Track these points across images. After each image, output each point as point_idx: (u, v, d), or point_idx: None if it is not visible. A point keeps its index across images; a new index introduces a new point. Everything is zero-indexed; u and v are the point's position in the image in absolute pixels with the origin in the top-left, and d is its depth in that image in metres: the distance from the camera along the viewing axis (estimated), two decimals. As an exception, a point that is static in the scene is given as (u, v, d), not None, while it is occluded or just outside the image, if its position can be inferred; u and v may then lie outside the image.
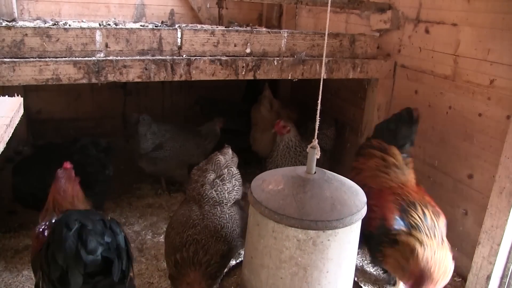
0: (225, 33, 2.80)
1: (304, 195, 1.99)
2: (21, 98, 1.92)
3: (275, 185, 2.08)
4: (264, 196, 2.04)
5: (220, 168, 2.63)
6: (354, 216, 1.97)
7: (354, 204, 2.01)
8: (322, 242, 1.95)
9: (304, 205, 1.95)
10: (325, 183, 2.06)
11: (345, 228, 1.96)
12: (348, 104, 4.01)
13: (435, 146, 3.06)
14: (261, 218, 2.03)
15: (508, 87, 2.54)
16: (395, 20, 3.33)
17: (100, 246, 1.68)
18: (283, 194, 2.01)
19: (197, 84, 3.58)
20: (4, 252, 2.89)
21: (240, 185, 2.68)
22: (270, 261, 2.04)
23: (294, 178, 2.09)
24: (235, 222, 2.51)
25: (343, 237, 1.98)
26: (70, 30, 2.42)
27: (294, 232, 1.94)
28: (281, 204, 1.97)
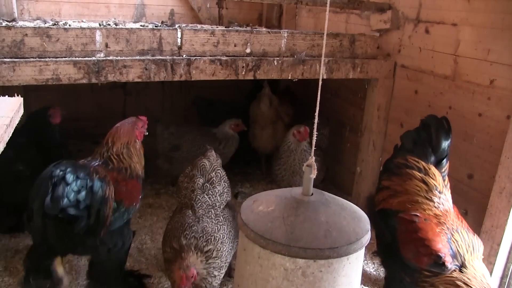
0: (225, 33, 2.80)
1: (295, 219, 1.76)
2: (21, 98, 1.92)
3: (265, 207, 1.86)
4: (252, 218, 1.83)
5: (207, 172, 2.62)
6: (352, 246, 1.72)
7: (354, 232, 1.77)
8: (313, 273, 1.71)
9: (294, 229, 1.72)
10: (322, 206, 1.84)
11: (340, 259, 1.72)
12: (348, 104, 4.01)
13: (435, 146, 3.05)
14: (247, 243, 1.82)
15: (508, 87, 2.54)
16: (395, 20, 3.33)
17: (65, 199, 1.96)
18: (272, 216, 1.79)
19: (197, 84, 3.58)
20: (4, 252, 2.89)
21: (228, 186, 2.69)
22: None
23: (287, 199, 1.87)
24: (230, 224, 2.51)
25: (338, 269, 1.74)
26: (70, 30, 2.42)
27: (281, 260, 1.71)
28: (269, 227, 1.74)
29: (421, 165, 2.40)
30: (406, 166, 2.44)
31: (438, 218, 2.25)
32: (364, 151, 3.62)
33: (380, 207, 2.44)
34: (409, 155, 2.45)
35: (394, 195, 2.43)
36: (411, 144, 2.50)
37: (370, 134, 3.51)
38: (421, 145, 2.46)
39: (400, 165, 2.48)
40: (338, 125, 4.14)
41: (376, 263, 3.02)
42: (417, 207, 2.30)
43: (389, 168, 2.54)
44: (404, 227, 2.26)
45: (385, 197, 2.41)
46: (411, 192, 2.37)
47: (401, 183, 2.44)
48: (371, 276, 2.90)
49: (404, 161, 2.47)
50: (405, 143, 2.56)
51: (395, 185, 2.47)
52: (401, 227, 2.28)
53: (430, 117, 2.53)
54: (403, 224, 2.28)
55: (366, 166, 3.59)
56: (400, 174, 2.45)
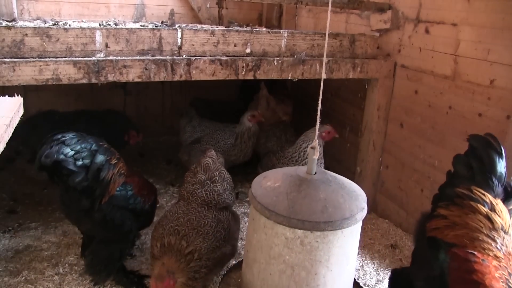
0: (225, 33, 2.80)
1: (297, 194, 1.98)
2: (21, 98, 1.92)
3: (273, 182, 2.10)
4: (260, 192, 2.06)
5: (210, 170, 2.67)
6: (346, 221, 1.93)
7: (349, 208, 1.97)
8: (310, 242, 1.93)
9: (294, 203, 1.94)
10: (322, 185, 2.05)
11: (335, 232, 1.93)
12: (348, 104, 4.01)
13: (435, 146, 3.06)
14: (255, 213, 2.07)
15: (508, 87, 2.54)
16: (395, 20, 3.33)
17: (59, 155, 2.30)
18: (278, 191, 2.02)
19: (197, 84, 3.59)
20: (4, 252, 2.89)
21: (232, 190, 2.69)
22: (261, 256, 2.07)
23: (293, 177, 2.09)
24: (221, 225, 2.47)
25: (332, 241, 1.95)
26: (70, 30, 2.42)
27: (282, 230, 1.95)
28: (274, 200, 1.98)
29: (487, 199, 2.10)
30: (470, 198, 2.14)
31: (498, 261, 1.96)
32: (364, 151, 3.62)
33: (431, 235, 2.18)
34: (474, 185, 2.16)
35: (451, 227, 2.15)
36: (466, 170, 2.23)
37: (370, 134, 3.51)
38: (481, 173, 2.17)
39: (463, 195, 2.18)
40: (338, 125, 4.14)
41: (376, 263, 3.02)
42: (476, 245, 2.01)
43: (449, 196, 2.23)
44: (457, 264, 2.01)
45: (439, 226, 2.17)
46: (472, 227, 2.08)
47: (461, 215, 2.15)
48: (372, 276, 2.90)
49: (468, 192, 2.17)
50: (458, 170, 2.27)
51: (454, 216, 2.18)
52: (454, 263, 2.02)
53: (474, 139, 2.25)
54: (456, 260, 2.01)
55: (366, 166, 3.59)
56: (461, 205, 2.16)
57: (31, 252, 2.90)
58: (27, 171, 4.12)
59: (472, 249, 2.00)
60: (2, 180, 3.90)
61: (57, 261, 2.81)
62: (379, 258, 3.09)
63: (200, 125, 4.07)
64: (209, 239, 2.36)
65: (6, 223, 3.23)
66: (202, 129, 4.05)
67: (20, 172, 4.10)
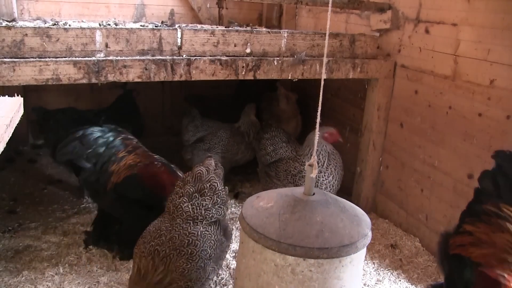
0: (225, 33, 2.80)
1: (290, 216, 1.77)
2: (21, 98, 1.92)
3: (266, 203, 1.89)
4: (250, 212, 1.86)
5: (201, 181, 2.40)
6: (344, 248, 1.69)
7: (348, 234, 1.73)
8: (302, 271, 1.70)
9: (286, 226, 1.73)
10: (320, 207, 1.82)
11: (331, 260, 1.70)
12: (348, 104, 4.01)
13: (435, 146, 3.06)
14: (243, 236, 1.86)
15: (508, 87, 2.54)
16: (395, 20, 3.33)
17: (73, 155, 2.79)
18: (269, 212, 1.81)
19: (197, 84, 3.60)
20: (4, 252, 2.89)
21: (222, 204, 2.43)
22: (249, 285, 1.86)
23: (288, 197, 1.87)
24: (208, 242, 2.28)
25: (329, 271, 1.72)
26: (70, 30, 2.42)
27: (271, 255, 1.72)
28: (264, 222, 1.77)
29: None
30: (498, 215, 2.05)
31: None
32: (364, 151, 3.62)
33: (455, 252, 2.09)
34: (502, 203, 2.06)
35: (477, 244, 2.05)
36: (492, 187, 2.13)
37: (370, 134, 3.51)
38: (509, 190, 2.08)
39: (491, 212, 2.09)
40: (338, 125, 4.13)
41: (376, 263, 3.02)
42: (505, 267, 1.88)
43: (476, 212, 2.14)
44: (484, 285, 1.90)
45: (464, 243, 2.07)
46: (500, 246, 1.97)
47: (488, 232, 2.04)
48: (372, 277, 2.90)
49: (496, 209, 2.07)
50: (485, 186, 2.17)
51: (480, 233, 2.07)
52: (481, 283, 1.91)
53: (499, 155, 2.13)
54: (484, 280, 1.90)
55: (366, 166, 3.59)
56: (489, 223, 2.06)
57: (31, 252, 2.89)
58: (27, 171, 4.13)
59: (501, 270, 1.87)
60: (2, 180, 3.90)
61: (57, 261, 2.81)
62: (379, 258, 3.09)
63: (203, 124, 4.05)
64: (193, 260, 2.19)
65: (6, 223, 3.23)
66: (205, 128, 4.03)
67: (20, 172, 4.10)
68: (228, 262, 2.92)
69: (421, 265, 2.99)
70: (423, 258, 3.06)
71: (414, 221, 3.30)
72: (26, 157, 4.41)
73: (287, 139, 3.66)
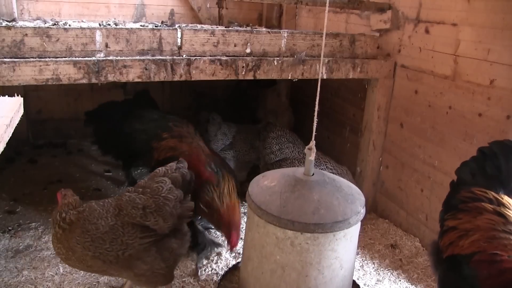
0: (225, 33, 2.80)
1: (290, 195, 1.96)
2: (21, 98, 1.92)
3: (270, 182, 2.09)
4: (255, 190, 2.06)
5: (153, 181, 2.28)
6: (337, 224, 1.89)
7: (342, 212, 1.93)
8: (300, 244, 1.91)
9: (287, 204, 1.92)
10: (317, 186, 2.02)
11: (326, 234, 1.90)
12: (348, 104, 4.01)
13: (435, 146, 3.06)
14: (249, 212, 2.08)
15: (508, 87, 2.54)
16: (395, 20, 3.33)
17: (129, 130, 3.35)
18: (272, 191, 2.01)
19: (197, 84, 3.60)
20: (4, 252, 2.89)
21: (156, 210, 2.18)
22: (254, 254, 2.07)
23: (289, 177, 2.07)
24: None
25: (324, 243, 1.93)
26: (70, 30, 2.42)
27: (273, 229, 1.93)
28: (267, 199, 1.97)
29: (491, 196, 2.00)
30: (473, 199, 2.05)
31: None
32: (364, 151, 3.62)
33: (448, 254, 2.03)
34: (474, 187, 2.07)
35: (464, 235, 2.00)
36: (470, 176, 2.13)
37: (370, 134, 3.51)
38: (484, 175, 2.08)
39: (465, 199, 2.09)
40: (338, 125, 4.14)
41: (376, 263, 3.02)
42: (496, 244, 1.85)
43: (453, 205, 2.13)
44: (486, 272, 1.81)
45: (452, 240, 2.02)
46: (484, 228, 1.94)
47: (470, 219, 2.02)
48: (372, 277, 2.90)
49: (469, 193, 2.08)
50: (464, 173, 2.17)
51: (463, 223, 2.05)
52: (482, 272, 1.83)
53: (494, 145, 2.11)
54: (483, 268, 1.83)
55: (366, 166, 3.59)
56: (467, 210, 2.05)
57: (31, 252, 2.90)
58: (27, 171, 4.13)
59: (493, 250, 1.83)
60: (2, 180, 3.90)
61: (57, 261, 2.81)
62: (379, 258, 3.09)
63: (230, 131, 3.90)
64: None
65: (6, 223, 3.23)
66: (232, 135, 3.88)
67: (20, 172, 4.10)
68: (228, 262, 2.93)
69: (421, 265, 2.99)
70: (423, 258, 3.06)
71: (414, 221, 3.30)
72: (26, 157, 4.41)
73: (294, 139, 3.68)
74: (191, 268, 2.83)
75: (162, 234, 2.20)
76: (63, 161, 4.44)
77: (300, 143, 3.65)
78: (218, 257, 2.97)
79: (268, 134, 3.67)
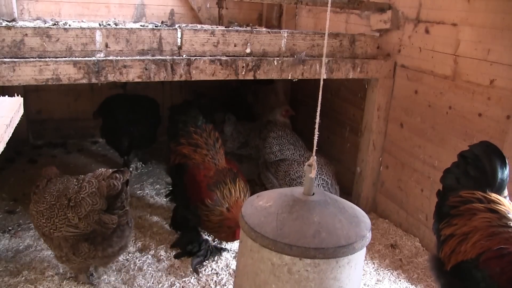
0: (225, 33, 2.80)
1: (288, 216, 1.77)
2: (21, 98, 1.92)
3: (265, 202, 1.89)
4: (249, 211, 1.87)
5: (89, 178, 2.35)
6: (341, 249, 1.69)
7: (346, 235, 1.73)
8: (298, 271, 1.70)
9: (284, 226, 1.73)
10: (318, 207, 1.82)
11: (328, 261, 1.70)
12: (348, 104, 4.01)
13: (435, 146, 3.06)
14: (242, 235, 1.88)
15: (508, 87, 2.54)
16: (395, 20, 3.33)
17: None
18: (268, 211, 1.82)
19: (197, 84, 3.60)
20: (4, 252, 2.89)
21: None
22: (247, 283, 1.87)
23: (287, 197, 1.87)
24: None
25: (325, 271, 1.72)
26: (70, 30, 2.42)
27: (268, 254, 1.73)
28: (262, 221, 1.78)
29: (479, 195, 2.02)
30: (463, 202, 2.06)
31: None
32: (364, 151, 3.62)
33: (452, 264, 1.98)
34: (461, 191, 2.09)
35: (464, 240, 1.98)
36: (456, 182, 2.14)
37: (370, 134, 3.51)
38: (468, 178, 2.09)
39: (455, 204, 2.09)
40: (338, 125, 4.14)
41: (376, 263, 3.03)
42: (498, 240, 1.84)
43: (445, 213, 2.13)
44: (498, 269, 1.79)
45: (453, 248, 1.99)
46: (482, 227, 1.94)
47: (466, 222, 2.01)
48: (372, 277, 2.90)
49: (458, 198, 2.09)
50: (448, 183, 2.19)
51: (460, 227, 2.03)
52: (494, 270, 1.80)
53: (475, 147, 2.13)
54: (494, 266, 1.81)
55: (366, 166, 3.59)
56: (460, 214, 2.06)
57: (31, 252, 2.90)
58: (27, 171, 4.13)
59: (497, 245, 1.83)
60: (2, 180, 3.90)
61: (57, 261, 2.81)
62: (379, 258, 3.09)
63: (245, 129, 4.00)
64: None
65: (6, 223, 3.23)
66: (247, 132, 3.99)
67: (20, 172, 4.10)
68: (228, 262, 2.93)
69: (421, 265, 2.99)
70: (423, 258, 3.06)
71: (414, 221, 3.30)
72: (26, 157, 4.41)
73: (294, 141, 3.67)
74: (191, 268, 2.83)
75: (84, 233, 2.30)
76: (63, 161, 4.44)
77: (301, 145, 3.65)
78: (218, 257, 2.97)
79: (269, 134, 3.67)
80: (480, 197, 2.01)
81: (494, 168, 2.02)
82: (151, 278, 2.73)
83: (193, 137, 3.11)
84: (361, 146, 3.66)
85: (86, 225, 2.26)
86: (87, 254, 2.35)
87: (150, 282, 2.70)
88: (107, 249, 2.38)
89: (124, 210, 2.36)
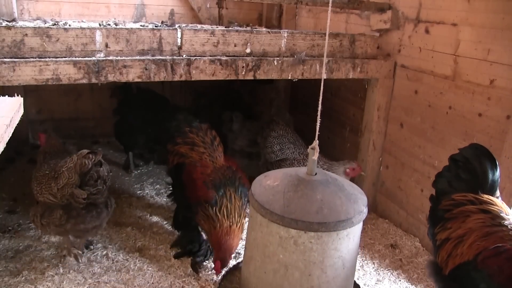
0: (225, 33, 2.80)
1: (293, 194, 1.98)
2: (21, 98, 1.92)
3: (272, 181, 2.10)
4: (258, 190, 2.08)
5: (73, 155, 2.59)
6: (341, 223, 1.91)
7: (345, 211, 1.95)
8: (303, 243, 1.93)
9: (290, 203, 1.94)
10: (320, 186, 2.03)
11: (329, 233, 1.92)
12: (348, 104, 4.01)
13: (435, 146, 3.06)
14: (252, 211, 2.09)
15: (508, 87, 2.54)
16: (395, 20, 3.33)
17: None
18: (275, 190, 2.03)
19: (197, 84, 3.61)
20: (4, 252, 2.89)
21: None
22: (257, 254, 2.08)
23: (292, 177, 2.08)
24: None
25: (327, 242, 1.94)
26: (70, 30, 2.42)
27: (276, 228, 1.95)
28: (270, 199, 1.98)
29: (470, 197, 2.04)
30: (455, 205, 2.08)
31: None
32: (364, 151, 3.62)
33: (450, 268, 1.97)
34: (453, 194, 2.12)
35: (459, 243, 1.98)
36: (448, 185, 2.17)
37: (370, 134, 3.51)
38: (460, 181, 2.12)
39: (448, 207, 2.11)
40: (338, 125, 4.14)
41: (376, 263, 3.02)
42: (494, 239, 1.86)
43: (439, 217, 2.16)
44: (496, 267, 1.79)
45: (450, 251, 2.00)
46: (476, 228, 1.95)
47: (460, 225, 2.02)
48: (372, 277, 2.90)
49: (450, 201, 2.11)
50: (440, 187, 2.22)
51: (455, 230, 2.04)
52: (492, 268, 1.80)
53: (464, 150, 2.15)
54: (492, 264, 1.81)
55: (366, 166, 3.58)
56: (454, 217, 2.07)
57: (31, 252, 2.90)
58: (27, 171, 4.13)
59: (492, 244, 1.84)
60: (2, 180, 3.90)
61: (57, 261, 2.81)
62: (379, 258, 3.09)
63: (253, 126, 4.04)
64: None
65: (6, 223, 3.23)
66: (255, 130, 4.01)
67: (20, 172, 4.10)
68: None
69: (421, 265, 2.99)
70: (423, 258, 3.06)
71: (414, 221, 3.30)
72: (26, 157, 4.41)
73: (295, 140, 3.67)
74: (190, 268, 2.83)
75: (60, 203, 2.57)
76: (63, 161, 4.44)
77: (301, 144, 3.65)
78: (218, 257, 2.97)
79: (270, 133, 3.68)
80: (472, 199, 2.04)
81: (485, 170, 2.04)
82: (151, 278, 2.73)
83: (189, 136, 3.11)
84: (361, 146, 3.66)
85: (61, 196, 2.54)
86: (58, 221, 2.59)
87: (150, 282, 2.70)
88: (79, 224, 2.62)
89: (97, 189, 2.57)
